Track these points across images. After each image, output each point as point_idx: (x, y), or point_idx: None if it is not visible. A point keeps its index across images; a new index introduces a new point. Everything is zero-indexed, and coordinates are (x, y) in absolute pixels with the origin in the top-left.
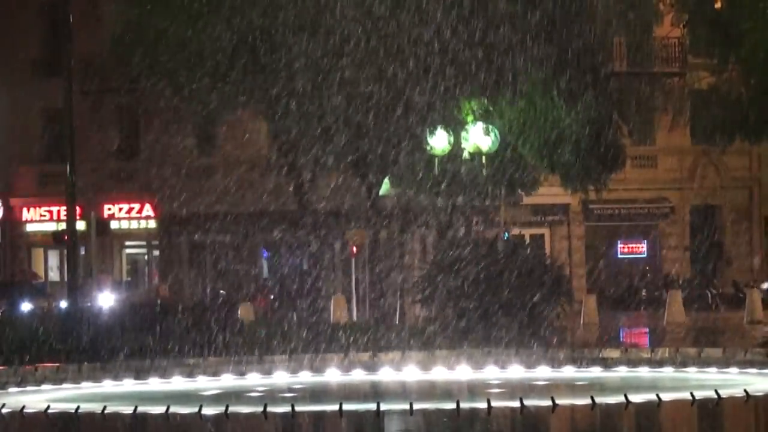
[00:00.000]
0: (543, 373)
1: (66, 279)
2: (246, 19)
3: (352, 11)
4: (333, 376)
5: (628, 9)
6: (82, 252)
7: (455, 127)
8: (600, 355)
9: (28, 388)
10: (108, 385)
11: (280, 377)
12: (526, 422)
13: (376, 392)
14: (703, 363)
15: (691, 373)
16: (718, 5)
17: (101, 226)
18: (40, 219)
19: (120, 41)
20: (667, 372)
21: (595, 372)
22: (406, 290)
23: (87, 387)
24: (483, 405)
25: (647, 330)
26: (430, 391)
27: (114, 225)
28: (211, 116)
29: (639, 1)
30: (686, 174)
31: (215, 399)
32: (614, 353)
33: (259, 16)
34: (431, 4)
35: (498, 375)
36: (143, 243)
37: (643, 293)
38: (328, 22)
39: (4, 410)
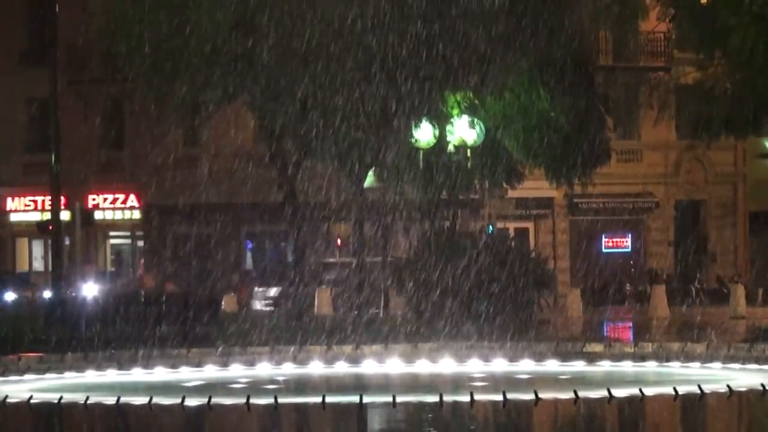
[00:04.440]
0: (526, 366)
1: (50, 269)
2: (232, 10)
3: (339, 4)
4: (316, 368)
5: (614, 2)
6: (67, 242)
7: (440, 120)
8: (583, 349)
9: (11, 378)
10: (91, 376)
11: (263, 369)
12: (509, 416)
13: (359, 385)
14: (687, 358)
15: (675, 367)
16: (704, 0)
17: (86, 216)
18: (25, 209)
19: (106, 32)
20: (651, 366)
21: (579, 366)
22: (389, 283)
23: (70, 377)
24: (466, 398)
25: (631, 324)
26: (413, 383)
27: (98, 215)
28: (196, 107)
29: None
30: (671, 169)
31: (198, 390)
32: (598, 347)
33: (245, 8)
34: None
35: (481, 368)
36: (128, 233)
37: (628, 288)
38: (314, 15)
39: None
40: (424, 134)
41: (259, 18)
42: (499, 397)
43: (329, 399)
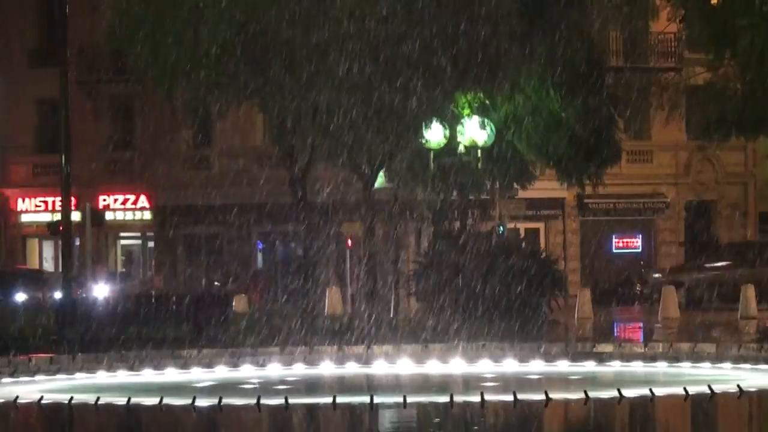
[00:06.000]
0: (537, 367)
1: (60, 270)
2: (243, 10)
3: (349, 4)
4: (327, 368)
5: (625, 3)
6: (77, 243)
7: (451, 120)
8: (594, 350)
9: (22, 379)
10: (102, 376)
11: (274, 369)
12: (520, 416)
13: (369, 385)
14: (697, 358)
15: (685, 368)
16: (714, 1)
17: (96, 216)
18: (35, 209)
19: (116, 32)
20: (661, 367)
21: (589, 366)
22: (400, 283)
23: (80, 378)
24: (477, 399)
25: (641, 325)
26: (423, 384)
27: (109, 216)
28: (207, 108)
29: None
30: (681, 169)
31: (209, 391)
32: (608, 348)
33: (256, 8)
34: None
35: (492, 369)
36: (138, 234)
37: (638, 288)
38: (324, 15)
39: None
40: (434, 135)
41: (269, 18)
42: (509, 398)
43: (340, 399)
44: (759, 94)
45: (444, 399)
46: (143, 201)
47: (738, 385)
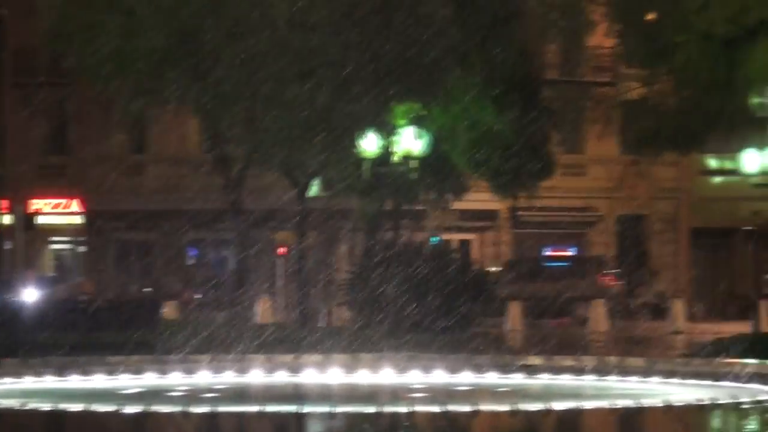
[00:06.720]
0: (466, 378)
1: None
2: (178, 17)
3: (284, 12)
4: (256, 377)
5: (561, 17)
6: (8, 246)
7: (386, 130)
8: (523, 362)
9: None
10: (28, 382)
11: (203, 377)
12: (448, 427)
13: (298, 394)
14: (625, 372)
15: (613, 381)
16: (650, 17)
17: (27, 220)
18: None
19: (52, 35)
20: (589, 380)
21: (518, 379)
22: (332, 292)
23: (6, 383)
24: (405, 409)
25: (571, 338)
26: (352, 394)
27: (41, 220)
28: (141, 113)
29: (572, 9)
30: (614, 183)
31: (136, 398)
32: (537, 360)
33: (191, 15)
34: (364, 8)
35: (421, 379)
36: (70, 239)
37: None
38: (261, 23)
39: None
40: (370, 144)
41: (206, 24)
42: (438, 409)
43: (268, 408)
44: (693, 110)
45: (372, 409)
46: (75, 205)
47: (665, 400)
